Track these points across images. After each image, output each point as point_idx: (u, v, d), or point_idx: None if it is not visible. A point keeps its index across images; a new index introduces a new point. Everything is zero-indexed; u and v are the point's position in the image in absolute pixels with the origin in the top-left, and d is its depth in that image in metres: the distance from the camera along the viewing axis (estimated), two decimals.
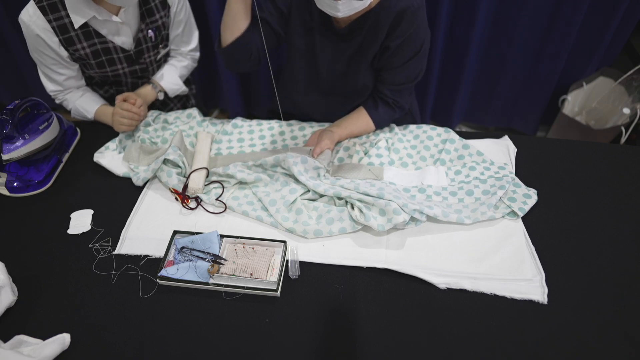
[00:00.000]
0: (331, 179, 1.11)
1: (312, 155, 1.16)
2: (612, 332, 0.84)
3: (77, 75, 1.34)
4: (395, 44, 1.13)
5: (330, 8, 1.02)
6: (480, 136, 1.30)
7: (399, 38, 1.12)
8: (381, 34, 1.13)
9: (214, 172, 1.16)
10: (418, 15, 1.10)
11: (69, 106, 1.38)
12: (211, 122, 1.36)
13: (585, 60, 2.05)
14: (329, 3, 1.01)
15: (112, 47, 1.27)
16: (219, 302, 0.91)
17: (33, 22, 1.16)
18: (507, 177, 1.12)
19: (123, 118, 1.26)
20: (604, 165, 1.20)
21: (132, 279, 0.96)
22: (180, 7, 1.35)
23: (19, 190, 1.16)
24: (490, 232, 1.03)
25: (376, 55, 1.19)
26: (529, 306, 0.88)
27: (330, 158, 1.17)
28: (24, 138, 1.13)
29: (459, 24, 2.01)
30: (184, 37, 1.43)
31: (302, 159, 1.11)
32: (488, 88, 2.26)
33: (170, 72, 1.46)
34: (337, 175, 1.15)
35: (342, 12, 1.02)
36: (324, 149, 1.17)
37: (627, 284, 0.91)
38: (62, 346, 0.82)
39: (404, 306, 0.89)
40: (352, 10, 1.03)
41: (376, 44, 1.15)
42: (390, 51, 1.15)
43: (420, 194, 1.11)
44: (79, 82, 1.37)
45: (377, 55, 1.19)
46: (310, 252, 1.00)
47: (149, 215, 1.10)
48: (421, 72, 1.22)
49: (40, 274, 0.97)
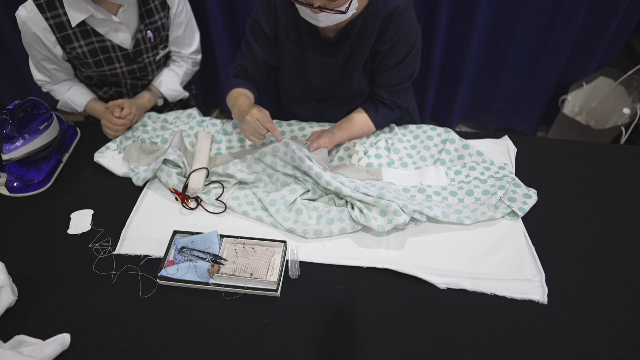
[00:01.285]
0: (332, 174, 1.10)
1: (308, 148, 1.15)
2: (612, 332, 0.84)
3: (66, 70, 1.34)
4: (387, 47, 1.13)
5: (312, 19, 1.03)
6: (480, 136, 1.30)
7: (389, 41, 1.12)
8: (370, 38, 1.13)
9: (214, 172, 1.16)
10: (406, 15, 1.09)
11: (56, 97, 1.39)
12: (211, 122, 1.36)
13: (585, 60, 2.05)
14: (310, 14, 1.01)
15: (109, 45, 1.27)
16: (219, 302, 0.91)
17: (30, 20, 1.16)
18: (507, 177, 1.12)
19: (106, 127, 1.30)
20: (604, 165, 1.20)
21: (132, 279, 0.96)
22: (180, 8, 1.34)
23: (19, 190, 1.16)
24: (490, 232, 1.03)
25: (368, 60, 1.19)
26: (529, 306, 0.88)
27: (327, 159, 1.16)
28: (24, 138, 1.13)
29: (459, 24, 2.01)
30: (185, 39, 1.43)
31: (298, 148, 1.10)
32: (488, 88, 2.26)
33: (170, 79, 1.45)
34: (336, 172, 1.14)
35: (322, 22, 1.02)
36: (322, 145, 1.17)
37: (627, 284, 0.91)
38: (62, 346, 0.82)
39: (404, 306, 0.89)
40: (333, 21, 1.03)
41: (366, 48, 1.15)
42: (382, 54, 1.15)
43: (420, 194, 1.11)
44: (68, 75, 1.37)
45: (369, 59, 1.19)
46: (310, 252, 1.00)
47: (149, 215, 1.10)
48: (415, 70, 1.22)
49: (40, 274, 0.97)
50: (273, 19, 1.16)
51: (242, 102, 1.18)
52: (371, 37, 1.12)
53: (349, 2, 0.97)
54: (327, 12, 0.98)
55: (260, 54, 1.22)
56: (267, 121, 1.09)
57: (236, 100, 1.20)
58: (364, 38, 1.13)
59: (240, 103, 1.18)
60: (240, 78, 1.27)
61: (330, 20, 1.02)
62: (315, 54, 1.20)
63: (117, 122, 1.27)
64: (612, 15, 1.85)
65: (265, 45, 1.21)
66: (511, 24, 1.98)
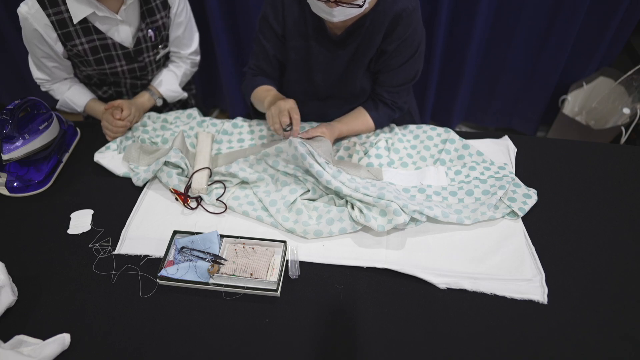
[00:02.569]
0: (334, 168, 1.09)
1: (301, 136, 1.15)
2: (612, 332, 0.84)
3: (66, 68, 1.34)
4: (392, 47, 1.13)
5: (326, 14, 1.03)
6: (480, 136, 1.30)
7: (395, 41, 1.12)
8: (377, 38, 1.13)
9: (217, 172, 1.16)
10: (413, 17, 1.10)
11: (56, 96, 1.39)
12: (211, 122, 1.36)
13: (585, 60, 2.05)
14: (325, 9, 1.01)
15: (110, 43, 1.27)
16: (219, 302, 0.91)
17: (32, 16, 1.16)
18: (507, 177, 1.12)
19: (106, 129, 1.31)
20: (604, 165, 1.20)
21: (132, 279, 0.96)
22: (180, 8, 1.35)
23: (19, 190, 1.16)
24: (490, 232, 1.03)
25: (372, 59, 1.19)
26: (529, 306, 0.88)
27: (331, 150, 1.15)
28: (24, 138, 1.13)
29: (459, 24, 2.02)
30: (185, 40, 1.43)
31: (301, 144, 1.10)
32: (488, 88, 2.26)
33: (170, 79, 1.45)
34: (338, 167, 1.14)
35: (337, 17, 1.02)
36: (317, 133, 1.16)
37: (627, 284, 0.91)
38: (62, 346, 0.82)
39: (404, 306, 0.89)
40: (347, 16, 1.03)
41: (372, 48, 1.15)
42: (387, 54, 1.15)
43: (420, 194, 1.11)
44: (68, 73, 1.37)
45: (374, 58, 1.19)
46: (310, 252, 1.00)
47: (149, 215, 1.10)
48: (418, 72, 1.22)
49: (40, 274, 0.97)
50: (281, 15, 1.17)
51: (275, 94, 1.22)
52: (378, 37, 1.13)
53: None
54: (343, 7, 0.98)
55: (272, 50, 1.23)
56: (297, 112, 1.11)
57: (268, 92, 1.23)
58: (371, 37, 1.13)
59: (273, 94, 1.22)
60: (261, 76, 1.30)
61: (345, 14, 1.02)
62: (321, 51, 1.20)
63: (117, 124, 1.27)
64: (612, 15, 1.85)
65: (275, 42, 1.22)
66: (511, 24, 1.98)
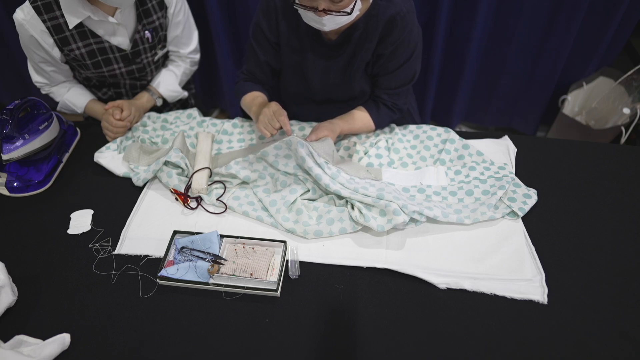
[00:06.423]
0: (333, 169, 1.10)
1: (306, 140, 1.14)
2: (611, 332, 0.84)
3: (65, 72, 1.34)
4: (389, 51, 1.13)
5: (316, 22, 1.03)
6: (480, 136, 1.30)
7: (391, 45, 1.12)
8: (372, 42, 1.13)
9: (217, 172, 1.16)
10: (408, 19, 1.10)
11: (56, 99, 1.39)
12: (211, 122, 1.36)
13: (585, 60, 2.05)
14: (314, 18, 1.01)
15: (107, 46, 1.27)
16: (219, 302, 0.91)
17: (28, 22, 1.16)
18: (507, 177, 1.12)
19: (106, 129, 1.30)
20: (604, 165, 1.20)
21: (132, 279, 0.96)
22: (178, 8, 1.34)
23: (19, 190, 1.16)
24: (490, 232, 1.03)
25: (369, 63, 1.19)
26: (529, 306, 0.88)
27: (333, 150, 1.15)
28: (24, 138, 1.13)
29: (459, 24, 2.01)
30: (183, 39, 1.42)
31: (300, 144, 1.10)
32: (488, 88, 2.26)
33: (169, 79, 1.45)
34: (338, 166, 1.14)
35: (327, 26, 1.02)
36: (320, 136, 1.16)
37: (627, 284, 0.91)
38: (62, 346, 0.82)
39: (404, 306, 0.89)
40: (337, 24, 1.03)
41: (368, 52, 1.15)
42: (384, 58, 1.15)
43: (420, 194, 1.11)
44: (67, 77, 1.37)
45: (371, 62, 1.19)
46: (310, 252, 1.00)
47: (149, 215, 1.10)
48: (416, 73, 1.22)
49: (40, 274, 0.97)
50: (274, 23, 1.17)
51: (261, 102, 1.22)
52: (373, 41, 1.12)
53: (353, 2, 0.97)
54: (332, 15, 0.98)
55: (264, 57, 1.24)
56: (281, 114, 1.10)
57: (254, 101, 1.23)
58: (365, 42, 1.13)
59: (258, 102, 1.22)
60: (252, 82, 1.30)
61: (335, 23, 1.02)
62: (316, 57, 1.20)
63: (117, 125, 1.27)
64: (612, 15, 1.85)
65: (268, 50, 1.23)
66: (511, 24, 1.98)
